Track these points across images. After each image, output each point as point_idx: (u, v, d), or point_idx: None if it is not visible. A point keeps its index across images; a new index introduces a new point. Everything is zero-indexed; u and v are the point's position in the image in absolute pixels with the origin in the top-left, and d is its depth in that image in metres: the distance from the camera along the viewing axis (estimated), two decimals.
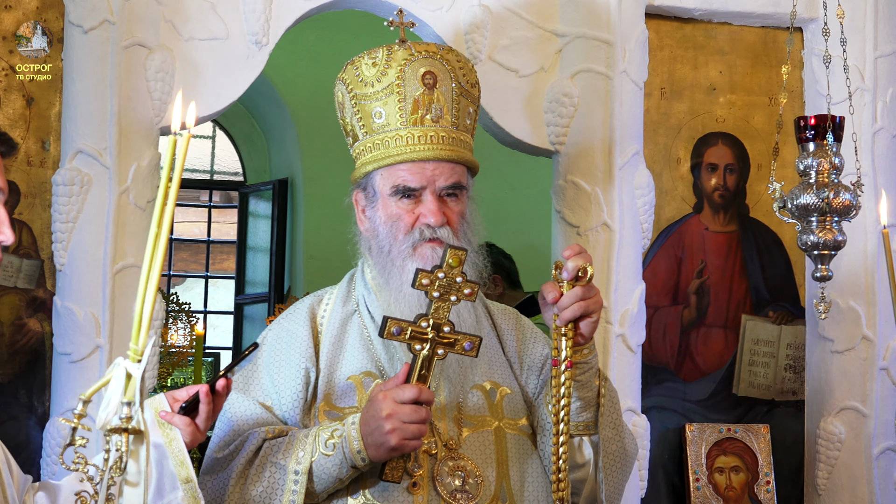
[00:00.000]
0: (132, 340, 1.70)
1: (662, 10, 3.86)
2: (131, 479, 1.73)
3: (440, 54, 2.71)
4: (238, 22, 3.48)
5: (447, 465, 2.54)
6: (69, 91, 3.39)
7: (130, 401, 1.70)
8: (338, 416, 2.58)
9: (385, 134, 2.66)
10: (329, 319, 2.72)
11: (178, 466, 2.32)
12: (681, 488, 3.82)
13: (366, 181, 2.70)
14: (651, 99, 3.87)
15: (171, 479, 2.31)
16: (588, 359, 2.56)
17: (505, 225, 7.26)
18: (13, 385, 3.40)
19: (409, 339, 2.47)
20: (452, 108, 2.69)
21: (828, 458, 3.83)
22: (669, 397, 3.86)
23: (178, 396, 2.44)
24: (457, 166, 2.66)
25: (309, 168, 7.97)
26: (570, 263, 2.47)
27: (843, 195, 3.02)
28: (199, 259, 10.01)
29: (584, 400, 2.59)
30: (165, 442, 2.35)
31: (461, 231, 2.64)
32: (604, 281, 3.60)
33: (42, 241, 3.43)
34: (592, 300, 2.48)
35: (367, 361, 2.65)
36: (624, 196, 3.64)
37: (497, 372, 2.71)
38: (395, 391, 2.44)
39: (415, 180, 2.62)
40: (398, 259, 2.61)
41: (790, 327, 3.97)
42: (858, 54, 3.85)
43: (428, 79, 2.67)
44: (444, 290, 2.48)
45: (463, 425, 2.61)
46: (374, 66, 2.69)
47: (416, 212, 2.62)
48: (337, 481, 2.50)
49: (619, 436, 2.66)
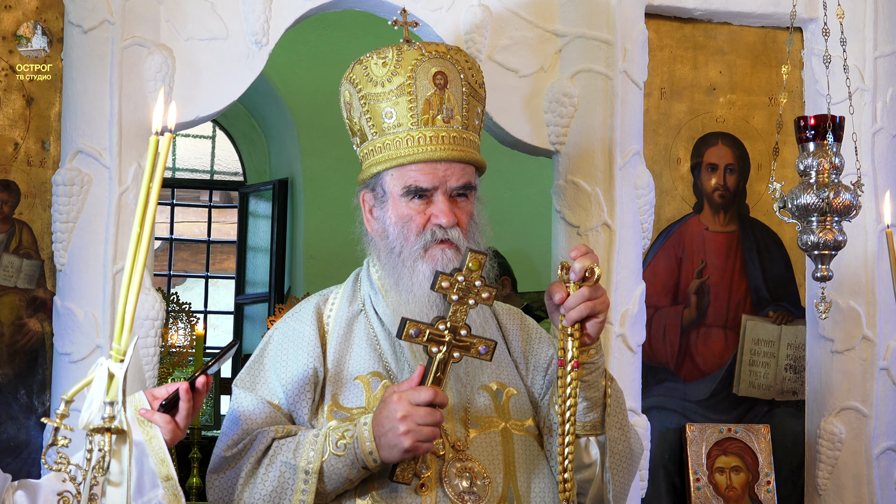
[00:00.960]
0: (115, 340, 1.69)
1: (662, 10, 3.86)
2: (114, 478, 1.72)
3: (450, 55, 2.70)
4: (238, 22, 3.48)
5: (455, 467, 2.54)
6: (69, 91, 3.39)
7: (113, 400, 1.70)
8: (346, 416, 2.58)
9: (396, 134, 2.66)
10: (335, 319, 2.71)
11: (159, 464, 2.32)
12: (681, 488, 3.82)
13: (374, 181, 2.68)
14: (651, 99, 3.87)
15: (152, 476, 2.31)
16: (594, 359, 2.55)
17: (505, 225, 7.26)
18: (13, 385, 3.40)
19: (427, 342, 2.48)
20: (462, 108, 2.68)
21: (828, 458, 3.83)
22: (670, 397, 3.86)
23: (158, 394, 2.43)
24: (467, 167, 2.66)
25: (309, 168, 7.97)
26: (577, 264, 2.46)
27: (843, 195, 3.01)
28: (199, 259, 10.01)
29: (590, 400, 2.59)
30: (146, 440, 2.34)
31: (470, 232, 2.64)
32: (604, 281, 3.59)
33: (42, 241, 3.43)
34: (599, 300, 2.47)
35: (374, 362, 2.65)
36: (624, 196, 3.64)
37: (504, 373, 2.70)
38: (411, 393, 2.43)
39: (427, 181, 2.61)
40: (409, 260, 2.61)
41: (790, 327, 3.97)
42: (858, 54, 3.85)
43: (439, 79, 2.66)
44: (462, 294, 2.49)
45: (470, 426, 2.61)
46: (384, 66, 2.67)
47: (428, 212, 2.61)
48: (347, 482, 2.50)
49: (625, 436, 2.66)
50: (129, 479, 1.73)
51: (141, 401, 2.41)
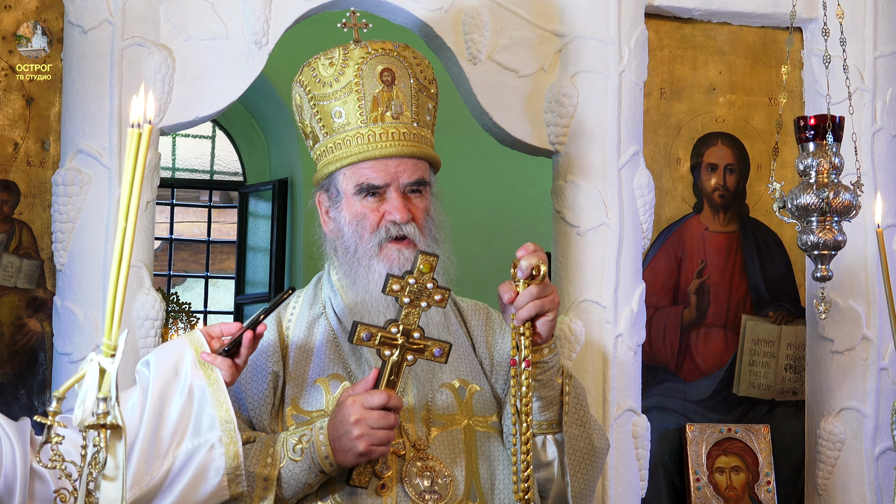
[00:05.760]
0: (105, 335, 1.69)
1: (662, 10, 3.86)
2: (109, 473, 1.73)
3: (396, 52, 2.71)
4: (238, 22, 3.48)
5: (416, 466, 2.54)
6: (69, 91, 3.39)
7: (106, 396, 1.70)
8: (305, 419, 2.58)
9: (346, 133, 2.66)
10: (295, 323, 2.71)
11: (219, 407, 2.37)
12: (681, 488, 3.82)
13: (328, 182, 2.70)
14: (651, 99, 3.87)
15: (210, 419, 2.37)
16: (547, 358, 2.55)
17: (505, 225, 7.26)
18: (13, 385, 3.40)
19: (379, 345, 2.47)
20: (412, 104, 2.68)
21: (828, 458, 3.83)
22: (669, 397, 3.86)
23: (213, 333, 2.48)
24: (419, 162, 2.66)
25: (309, 168, 7.93)
26: (524, 262, 2.46)
27: (843, 195, 3.01)
28: (199, 259, 10.01)
29: (545, 399, 2.59)
30: (208, 383, 2.40)
31: (427, 227, 2.64)
32: (604, 281, 3.60)
33: (42, 241, 3.43)
34: (548, 299, 2.47)
35: (335, 364, 2.65)
36: (624, 196, 3.64)
37: (466, 370, 2.69)
38: (364, 397, 2.43)
39: (379, 178, 2.62)
40: (364, 258, 2.61)
41: (790, 327, 3.97)
42: (858, 54, 3.85)
43: (386, 76, 2.66)
44: (414, 296, 2.48)
45: (431, 425, 2.60)
46: (331, 66, 2.68)
47: (381, 210, 2.62)
48: (306, 486, 2.50)
49: (586, 433, 2.65)
50: (124, 474, 1.73)
51: (201, 343, 2.45)
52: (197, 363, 2.42)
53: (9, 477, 2.12)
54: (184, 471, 2.35)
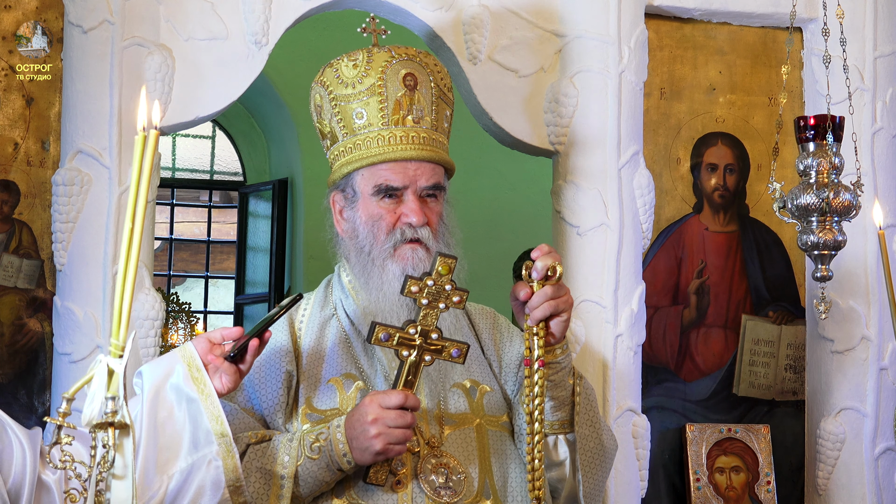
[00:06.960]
0: (112, 335, 1.70)
1: (662, 10, 3.86)
2: (118, 472, 1.73)
3: (419, 58, 2.74)
4: (238, 22, 3.48)
5: (430, 463, 2.56)
6: (69, 91, 3.39)
7: (115, 395, 1.71)
8: (319, 418, 2.60)
9: (366, 134, 2.68)
10: (307, 324, 2.74)
11: (214, 422, 2.36)
12: (681, 488, 3.82)
13: (345, 182, 2.72)
14: (651, 99, 3.87)
15: (206, 433, 2.35)
16: (560, 359, 2.58)
17: (505, 225, 7.26)
18: (13, 385, 3.40)
19: (397, 346, 2.49)
20: (432, 109, 2.71)
21: (828, 458, 3.83)
22: (669, 397, 3.86)
23: (214, 339, 2.46)
24: (437, 167, 2.69)
25: (309, 168, 7.97)
26: (539, 263, 2.48)
27: (843, 195, 3.01)
28: (199, 259, 10.02)
29: (557, 399, 2.61)
30: (201, 398, 2.38)
31: (440, 232, 2.67)
32: (604, 281, 3.60)
33: (42, 241, 3.43)
34: (562, 299, 2.50)
35: (347, 363, 2.67)
36: (624, 196, 3.64)
37: (477, 371, 2.72)
38: (381, 396, 2.46)
39: (397, 179, 2.64)
40: (378, 259, 2.63)
41: (790, 327, 3.97)
42: (858, 54, 3.85)
43: (409, 80, 2.69)
44: (432, 298, 2.50)
45: (445, 424, 2.63)
46: (354, 68, 2.71)
47: (398, 212, 2.64)
48: (323, 484, 2.52)
49: (596, 433, 2.68)
50: (133, 473, 1.74)
51: (193, 357, 2.42)
52: (190, 377, 2.40)
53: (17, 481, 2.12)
54: (185, 489, 2.34)
